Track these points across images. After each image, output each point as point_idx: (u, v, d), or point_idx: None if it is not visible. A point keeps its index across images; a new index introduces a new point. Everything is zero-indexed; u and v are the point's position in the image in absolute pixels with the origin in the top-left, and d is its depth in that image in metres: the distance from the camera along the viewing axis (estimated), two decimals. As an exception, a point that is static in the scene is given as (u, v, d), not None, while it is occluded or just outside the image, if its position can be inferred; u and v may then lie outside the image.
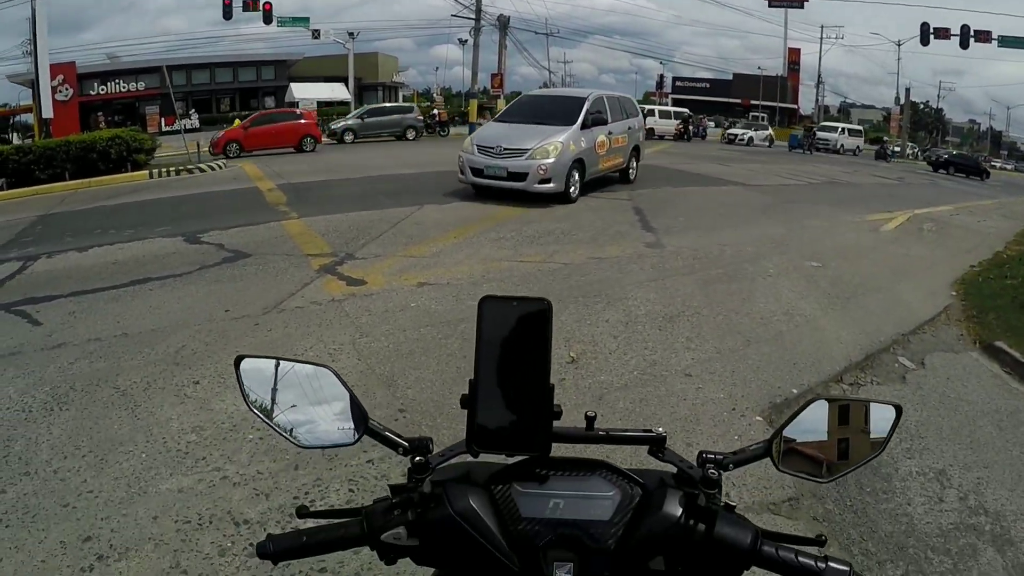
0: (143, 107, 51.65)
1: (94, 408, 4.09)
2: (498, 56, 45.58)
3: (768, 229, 10.34)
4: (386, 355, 4.78)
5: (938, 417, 4.38)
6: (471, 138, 12.16)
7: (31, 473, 3.38)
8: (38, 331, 5.52)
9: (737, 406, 4.19)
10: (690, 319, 5.71)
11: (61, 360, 4.83)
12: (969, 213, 16.55)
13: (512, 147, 11.17)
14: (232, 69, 60.28)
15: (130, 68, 55.53)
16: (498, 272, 6.88)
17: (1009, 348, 5.65)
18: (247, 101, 60.07)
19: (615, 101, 13.95)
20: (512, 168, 11.01)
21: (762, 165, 23.87)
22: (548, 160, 10.89)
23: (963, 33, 35.90)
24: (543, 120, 11.91)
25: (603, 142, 12.55)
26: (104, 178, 17.12)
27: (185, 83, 55.80)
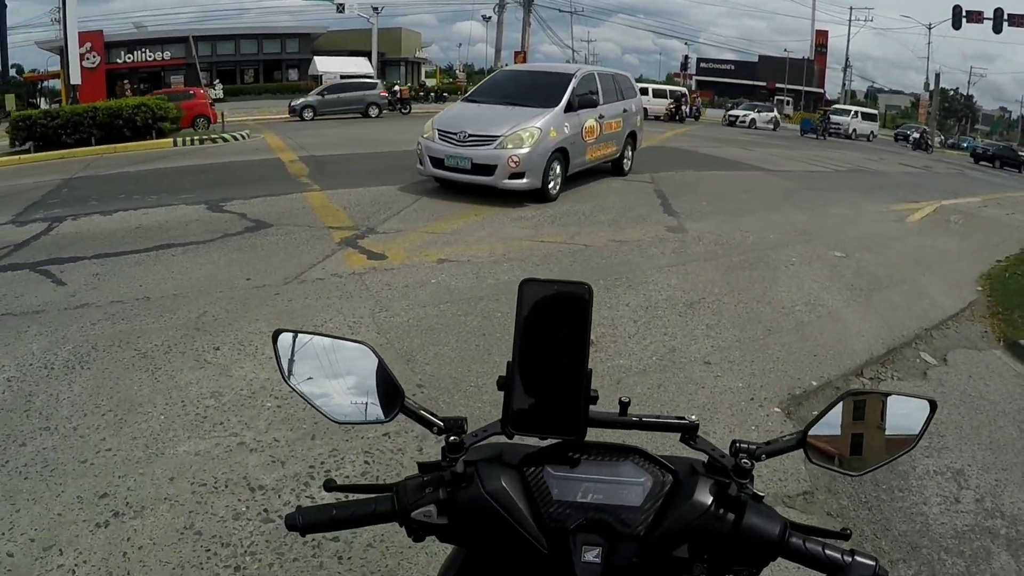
0: (168, 76, 52.05)
1: (115, 368, 4.13)
2: (522, 33, 45.33)
3: (791, 216, 10.23)
4: (405, 330, 4.78)
5: (958, 416, 4.32)
6: (431, 121, 10.18)
7: (51, 428, 3.43)
8: (62, 291, 5.58)
9: (756, 396, 4.17)
10: (711, 306, 5.67)
11: (84, 320, 4.88)
12: (997, 205, 16.29)
13: (479, 133, 9.41)
14: (257, 41, 60.73)
15: (156, 38, 56.15)
16: (518, 251, 6.85)
17: (1035, 348, 5.55)
18: (271, 73, 60.80)
19: (608, 79, 12.16)
20: (478, 159, 9.26)
21: (786, 150, 23.61)
22: (522, 150, 9.15)
23: (997, 17, 35.18)
24: (521, 101, 10.18)
25: (592, 128, 10.72)
26: (129, 144, 17.21)
27: (210, 54, 56.31)
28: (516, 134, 9.25)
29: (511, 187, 9.23)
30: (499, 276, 6.04)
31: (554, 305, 0.95)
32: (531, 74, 11.91)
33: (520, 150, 9.15)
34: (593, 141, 10.84)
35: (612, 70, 13.82)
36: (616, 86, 12.21)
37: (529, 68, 14.19)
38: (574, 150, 10.21)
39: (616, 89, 12.13)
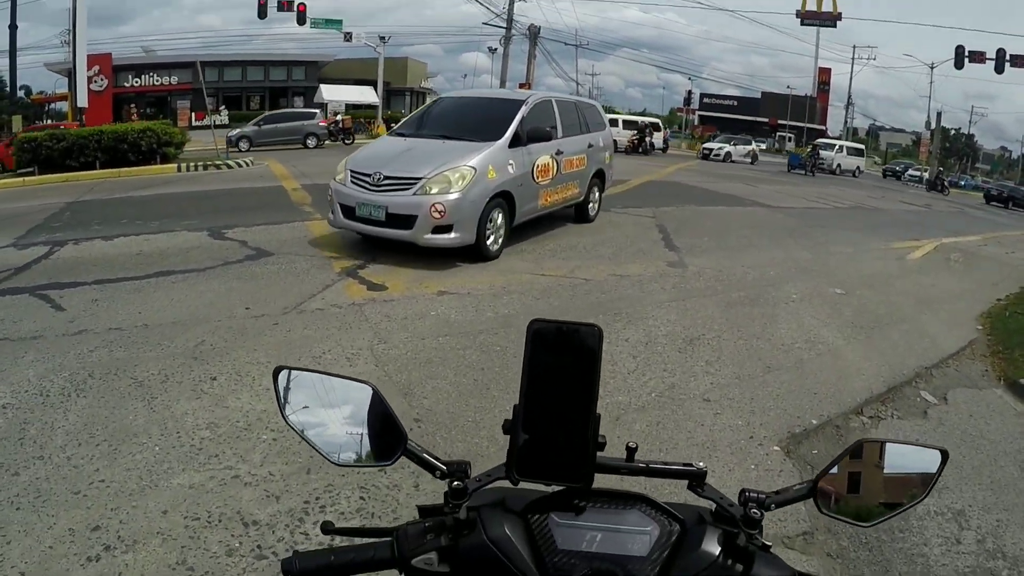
0: (175, 101, 52.52)
1: (111, 397, 4.12)
2: (527, 66, 45.74)
3: (793, 253, 10.25)
4: (404, 363, 4.77)
5: (959, 456, 4.27)
6: (345, 160, 8.35)
7: (45, 458, 3.40)
8: (61, 316, 5.58)
9: (755, 434, 4.14)
10: (710, 342, 5.66)
11: (81, 347, 4.87)
12: (998, 243, 16.33)
13: (397, 175, 7.54)
14: (264, 68, 61.28)
15: (164, 62, 56.79)
16: (518, 285, 6.86)
17: (1035, 387, 5.53)
18: (277, 100, 61.11)
19: (570, 108, 10.39)
20: (394, 207, 7.39)
21: (789, 187, 23.77)
22: (449, 196, 7.28)
23: (999, 57, 35.37)
24: (457, 134, 8.46)
25: (547, 166, 8.90)
26: (134, 169, 17.32)
27: (217, 79, 56.72)
28: (443, 175, 7.42)
29: (435, 243, 7.43)
30: (499, 309, 6.03)
31: (562, 347, 0.93)
32: (474, 102, 9.96)
33: (447, 196, 7.32)
34: (548, 182, 9.08)
35: (576, 98, 12.86)
36: (580, 117, 10.56)
37: (473, 95, 11.10)
38: (522, 194, 8.40)
39: (580, 121, 10.47)
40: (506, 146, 8.14)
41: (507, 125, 8.34)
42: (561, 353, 0.93)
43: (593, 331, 0.93)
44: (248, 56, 61.13)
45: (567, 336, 0.93)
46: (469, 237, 7.53)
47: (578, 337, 0.93)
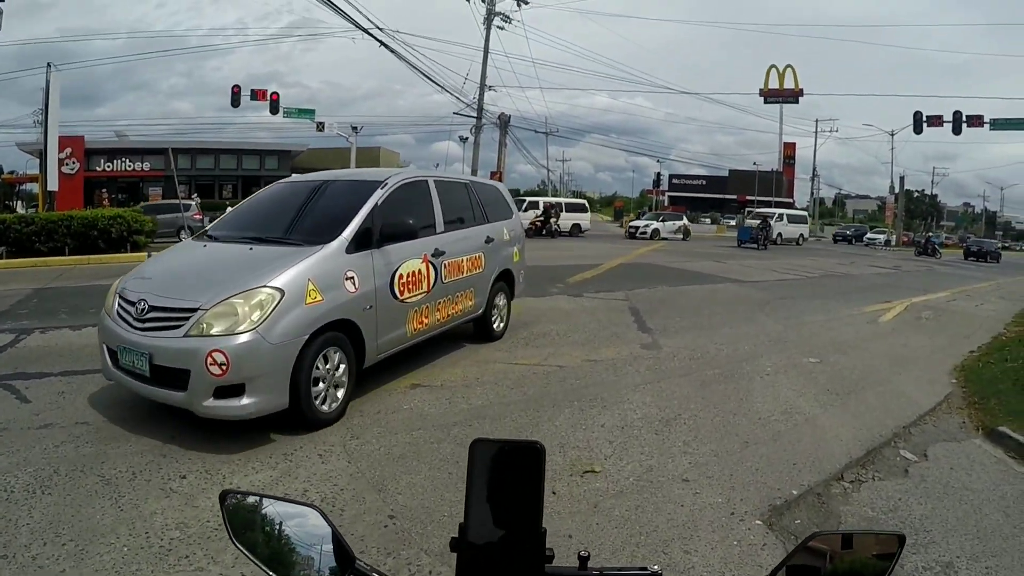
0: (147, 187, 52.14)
1: (77, 495, 4.01)
2: (498, 153, 46.55)
3: (765, 326, 10.37)
4: (377, 458, 4.70)
5: (943, 508, 4.30)
6: (118, 281, 5.70)
7: (8, 557, 3.29)
8: (26, 409, 5.49)
9: (736, 510, 4.10)
10: (687, 422, 5.65)
11: (47, 442, 4.78)
12: (967, 297, 16.67)
13: (165, 303, 5.00)
14: (236, 156, 61.17)
15: (137, 148, 56.55)
16: (492, 375, 6.83)
17: (1012, 432, 5.59)
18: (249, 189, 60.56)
19: (458, 192, 7.90)
20: (161, 356, 4.80)
21: (758, 261, 24.20)
22: (237, 338, 4.71)
23: (956, 119, 36.76)
24: (276, 234, 5.94)
25: (416, 275, 6.42)
26: (104, 256, 17.33)
27: (189, 167, 56.63)
28: (228, 303, 4.80)
29: (221, 414, 4.74)
30: (472, 401, 6.00)
31: (506, 464, 0.95)
32: (312, 187, 6.72)
33: (233, 338, 4.68)
34: (421, 298, 6.48)
35: (469, 177, 9.91)
36: (474, 202, 8.04)
37: (315, 177, 7.44)
38: (376, 320, 5.79)
39: (474, 208, 7.98)
40: (342, 251, 5.54)
41: (347, 220, 5.76)
42: (504, 471, 0.95)
43: (535, 447, 0.95)
44: (221, 144, 61.09)
45: (509, 455, 0.96)
46: (277, 399, 4.82)
47: (520, 455, 0.95)
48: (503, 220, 8.55)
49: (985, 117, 36.88)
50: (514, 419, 5.53)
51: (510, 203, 9.19)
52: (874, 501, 4.37)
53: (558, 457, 4.76)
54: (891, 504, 4.32)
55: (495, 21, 41.80)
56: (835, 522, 4.07)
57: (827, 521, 4.07)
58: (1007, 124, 36.57)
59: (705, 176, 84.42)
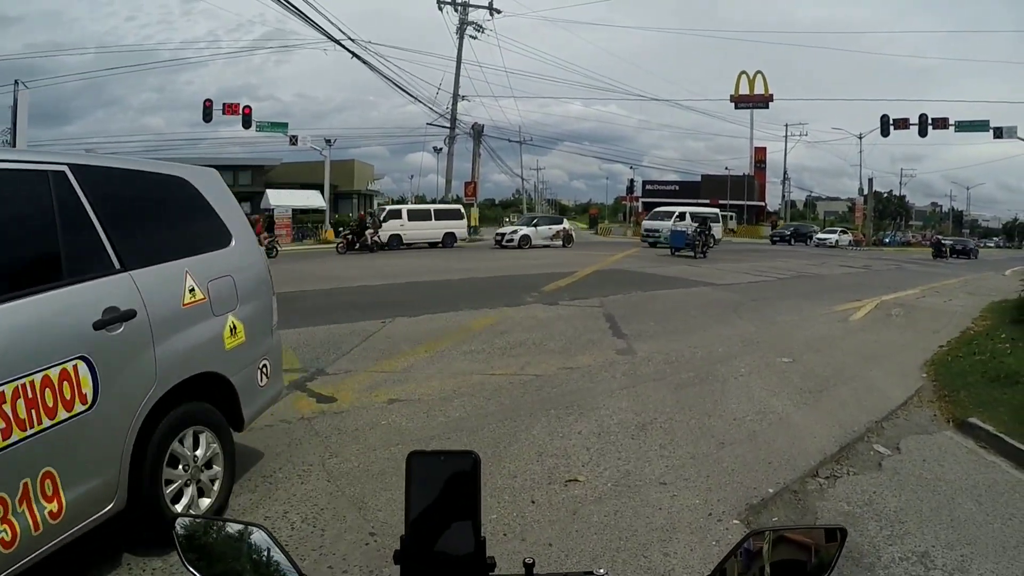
0: None
1: None
2: (472, 164, 46.68)
3: (738, 328, 10.46)
4: (356, 476, 4.66)
5: (917, 500, 4.37)
6: None
7: None
8: None
9: (714, 511, 4.12)
10: (663, 426, 5.67)
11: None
12: (936, 293, 16.93)
13: None
14: None
15: None
16: (469, 387, 6.81)
17: (982, 423, 5.72)
18: None
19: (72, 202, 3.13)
20: None
21: (732, 264, 24.35)
22: None
23: (921, 122, 37.57)
24: None
25: None
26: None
27: None
28: None
29: None
30: (450, 413, 5.98)
31: (443, 476, 0.97)
32: None
33: None
34: None
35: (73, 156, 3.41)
36: (74, 222, 3.15)
37: None
38: None
39: (70, 232, 3.12)
40: None
41: None
42: (442, 481, 0.97)
43: (470, 458, 0.97)
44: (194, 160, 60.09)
45: (445, 465, 0.97)
46: None
47: (456, 465, 0.97)
48: (190, 257, 3.87)
49: (950, 119, 37.63)
50: (491, 430, 5.52)
51: (225, 213, 4.33)
52: (850, 496, 4.41)
53: (536, 466, 4.76)
54: (866, 498, 4.37)
55: (468, 31, 42.09)
56: (812, 518, 4.10)
57: (804, 517, 4.11)
58: (971, 126, 37.33)
59: (678, 182, 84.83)
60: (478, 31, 42.33)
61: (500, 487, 4.38)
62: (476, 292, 14.37)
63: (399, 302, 12.51)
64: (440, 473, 0.97)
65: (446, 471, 0.97)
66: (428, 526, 0.97)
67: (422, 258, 25.16)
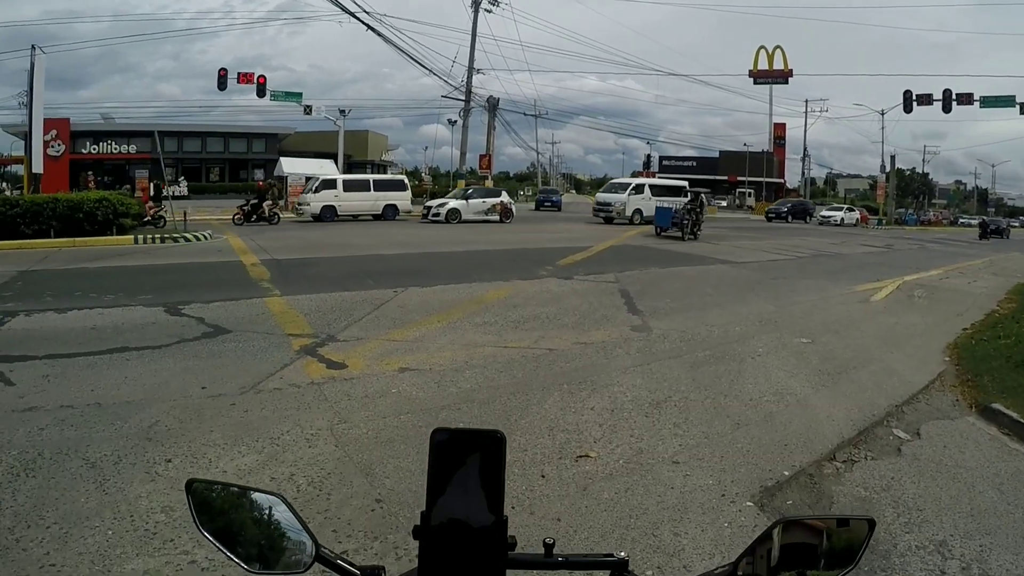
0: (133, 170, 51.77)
1: (62, 478, 3.93)
2: (487, 137, 46.44)
3: (756, 307, 10.32)
4: (365, 442, 4.62)
5: (936, 487, 4.27)
6: None
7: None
8: (10, 392, 5.40)
9: (727, 492, 4.04)
10: (677, 404, 5.58)
11: (31, 424, 4.70)
12: (959, 274, 16.71)
13: None
14: (223, 139, 60.67)
15: (123, 130, 56.05)
16: (481, 358, 6.75)
17: (1006, 409, 5.57)
18: (237, 172, 60.37)
19: None
20: None
21: (751, 241, 24.11)
22: None
23: (945, 98, 36.94)
24: None
25: None
26: (89, 239, 17.15)
27: (176, 150, 56.14)
28: None
29: None
30: (461, 384, 5.92)
31: (467, 453, 0.96)
32: None
33: None
34: None
35: None
36: None
37: None
38: None
39: None
40: None
41: None
42: (466, 459, 0.96)
43: (496, 436, 0.97)
44: (208, 127, 60.70)
45: (470, 443, 0.97)
46: None
47: (481, 443, 0.97)
48: None
49: (975, 95, 36.86)
50: (503, 403, 5.45)
51: None
52: (867, 481, 4.32)
53: (547, 440, 4.70)
54: (884, 483, 4.28)
55: (483, 4, 41.50)
56: (827, 502, 4.02)
57: (819, 502, 4.02)
58: (997, 101, 36.61)
59: (696, 157, 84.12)
60: (493, 4, 41.76)
61: (510, 460, 4.27)
62: (482, 264, 14.30)
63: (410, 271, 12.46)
64: (464, 450, 0.97)
65: (471, 449, 0.97)
66: (450, 503, 0.97)
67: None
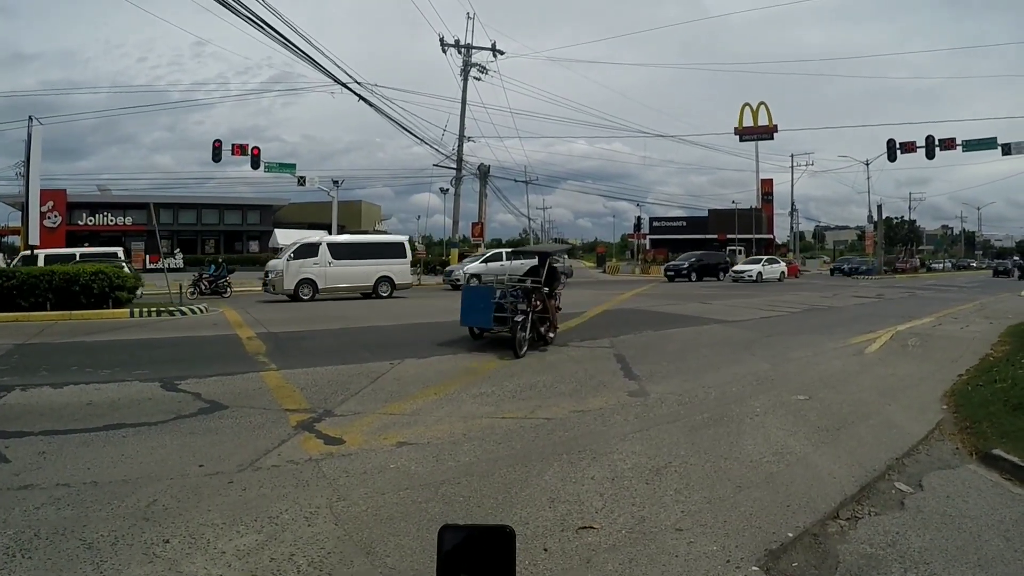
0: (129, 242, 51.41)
1: (58, 559, 3.85)
2: (479, 204, 46.78)
3: (752, 366, 10.34)
4: (365, 520, 4.56)
5: (942, 539, 4.24)
6: None
7: None
8: (5, 469, 5.35)
9: (731, 557, 4.00)
10: (678, 469, 5.54)
11: (27, 503, 4.63)
12: (952, 320, 16.81)
13: None
14: (219, 211, 61.38)
15: (119, 202, 56.78)
16: (479, 430, 6.71)
17: (1007, 454, 5.57)
18: (232, 243, 60.83)
19: None
20: None
21: (744, 299, 24.26)
22: None
23: (928, 144, 37.39)
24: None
25: None
26: (85, 312, 17.09)
27: (172, 221, 57.05)
28: None
29: None
30: (460, 458, 5.88)
31: (476, 550, 0.94)
32: None
33: None
34: None
35: None
36: None
37: None
38: None
39: None
40: None
41: None
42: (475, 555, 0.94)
43: (505, 531, 0.95)
44: (203, 199, 61.47)
45: (479, 540, 0.95)
46: None
47: (490, 538, 0.95)
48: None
49: (957, 139, 37.49)
50: (502, 475, 5.41)
51: None
52: (872, 537, 4.28)
53: (548, 512, 4.65)
54: (889, 539, 4.24)
55: (472, 72, 42.41)
56: (833, 562, 3.97)
57: (824, 562, 3.98)
58: (979, 144, 37.17)
59: (685, 217, 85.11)
60: (482, 72, 42.68)
61: (512, 536, 4.27)
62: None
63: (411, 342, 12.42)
64: (473, 546, 0.94)
65: (479, 545, 0.94)
66: None
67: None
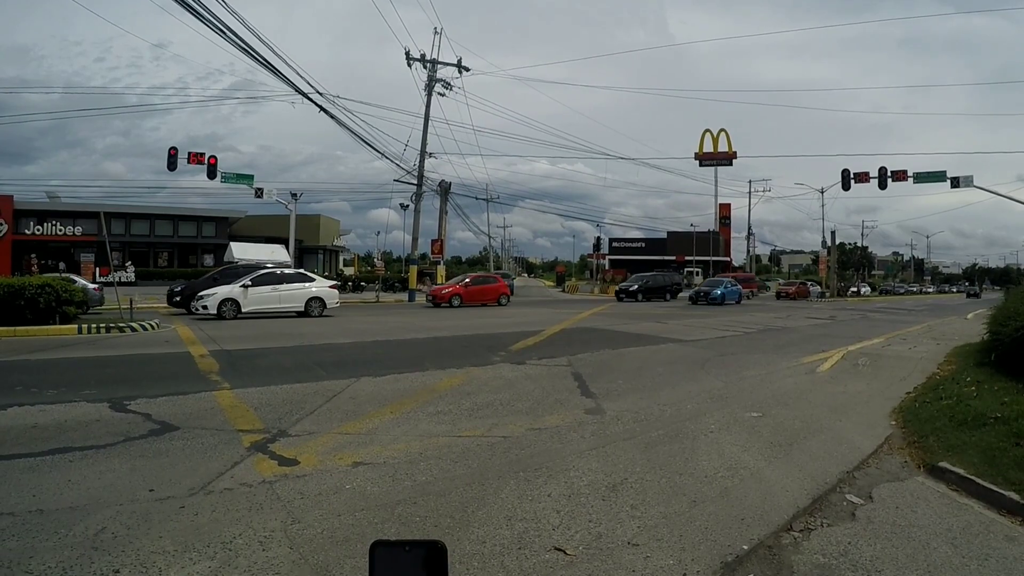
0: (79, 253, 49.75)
1: None
2: (439, 221, 46.59)
3: (707, 384, 10.46)
4: (320, 543, 4.47)
5: (892, 547, 4.34)
6: None
7: None
8: None
9: (688, 571, 4.01)
10: (634, 486, 5.56)
11: None
12: (901, 340, 17.24)
13: None
14: (172, 222, 59.21)
15: (69, 210, 54.46)
16: (436, 449, 6.65)
17: (952, 467, 5.76)
18: (186, 257, 58.89)
19: None
20: None
21: (700, 319, 24.55)
22: None
23: (881, 175, 38.69)
24: None
25: None
26: (30, 328, 16.46)
27: (123, 232, 54.80)
28: None
29: None
30: (416, 477, 5.81)
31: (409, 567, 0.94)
32: None
33: None
34: None
35: None
36: None
37: None
38: None
39: None
40: None
41: None
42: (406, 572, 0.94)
43: (436, 546, 0.95)
44: (156, 209, 59.40)
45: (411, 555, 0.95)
46: None
47: (422, 555, 0.95)
48: None
49: (909, 171, 38.78)
50: (459, 494, 5.37)
51: None
52: (824, 548, 4.35)
53: (505, 531, 4.62)
54: (841, 549, 4.31)
55: (436, 88, 42.30)
56: (788, 573, 4.01)
57: (779, 573, 4.02)
58: (929, 177, 38.40)
59: (644, 239, 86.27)
60: (447, 88, 42.55)
61: (469, 553, 4.23)
62: (435, 352, 14.17)
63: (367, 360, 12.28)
64: (406, 563, 0.94)
65: (412, 561, 0.94)
66: None
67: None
